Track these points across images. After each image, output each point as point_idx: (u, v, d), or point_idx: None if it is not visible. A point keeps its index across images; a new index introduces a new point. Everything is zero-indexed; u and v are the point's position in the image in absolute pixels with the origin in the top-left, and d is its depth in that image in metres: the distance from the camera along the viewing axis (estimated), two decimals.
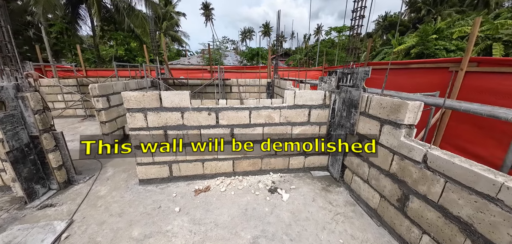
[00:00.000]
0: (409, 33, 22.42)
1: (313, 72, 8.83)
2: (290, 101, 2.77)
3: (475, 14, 14.62)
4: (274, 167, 3.09)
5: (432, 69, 4.60)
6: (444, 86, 4.28)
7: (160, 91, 2.46)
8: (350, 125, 2.60)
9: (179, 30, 29.77)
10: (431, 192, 1.65)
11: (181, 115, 2.58)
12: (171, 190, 2.76)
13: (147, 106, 2.50)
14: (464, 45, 11.81)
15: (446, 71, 4.35)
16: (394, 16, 29.51)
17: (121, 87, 4.52)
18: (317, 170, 3.23)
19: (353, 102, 2.52)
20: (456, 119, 3.55)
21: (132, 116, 2.52)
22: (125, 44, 17.27)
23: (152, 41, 6.04)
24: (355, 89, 2.49)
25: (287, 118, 2.84)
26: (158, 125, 2.59)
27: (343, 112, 2.74)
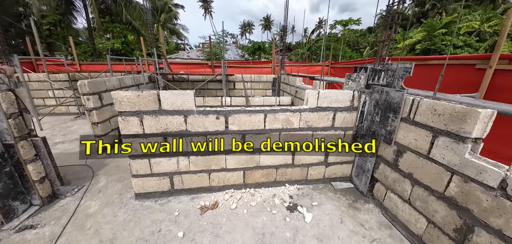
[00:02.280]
0: (413, 28, 21.86)
1: (318, 67, 8.36)
2: (312, 103, 2.35)
3: (481, 9, 14.13)
4: (290, 178, 2.69)
5: (454, 66, 4.20)
6: (468, 84, 3.93)
7: (158, 91, 2.03)
8: (386, 133, 2.19)
9: (177, 23, 28.99)
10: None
11: (184, 120, 2.16)
12: (172, 206, 2.36)
13: (143, 109, 2.07)
14: (472, 41, 11.38)
15: (472, 68, 3.98)
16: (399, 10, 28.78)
17: (115, 83, 4.06)
18: (339, 181, 2.83)
19: (392, 105, 2.10)
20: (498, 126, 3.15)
21: (125, 121, 2.10)
22: (122, 37, 16.63)
23: (149, 32, 5.55)
24: (394, 90, 2.07)
25: (308, 123, 2.42)
26: (156, 131, 2.17)
27: (375, 117, 2.32)
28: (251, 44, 16.27)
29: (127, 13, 15.32)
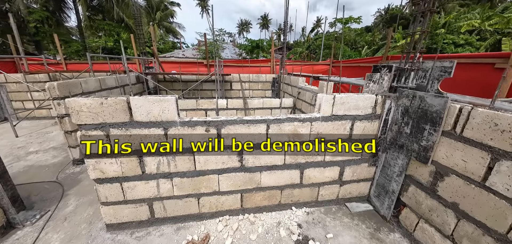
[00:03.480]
0: None
1: (322, 67, 7.92)
2: (326, 111, 1.89)
3: (479, 8, 13.91)
4: (297, 199, 2.23)
5: (469, 65, 3.84)
6: (483, 85, 3.53)
7: (128, 97, 1.55)
8: (420, 149, 1.74)
9: (174, 21, 28.34)
10: None
11: (164, 134, 1.68)
12: (152, 241, 1.88)
13: (109, 120, 1.59)
14: (473, 40, 11.10)
15: (490, 68, 3.63)
16: (396, 9, 28.58)
17: (93, 85, 3.56)
18: (354, 201, 2.38)
19: (429, 114, 1.65)
20: None
21: (87, 137, 1.61)
22: (115, 35, 15.99)
23: (136, 26, 5.02)
24: (433, 96, 1.62)
25: (320, 134, 1.96)
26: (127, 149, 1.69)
27: (404, 127, 1.87)
28: (249, 42, 15.74)
29: (119, 9, 14.69)
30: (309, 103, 3.94)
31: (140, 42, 5.31)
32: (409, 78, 1.95)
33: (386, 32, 24.34)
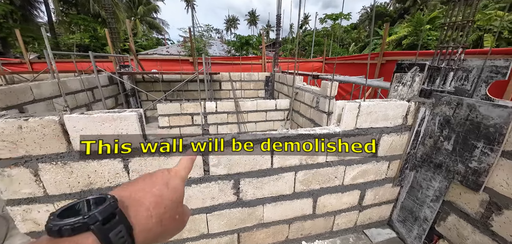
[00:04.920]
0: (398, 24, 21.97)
1: (316, 63, 7.56)
2: (348, 123, 1.44)
3: (461, 5, 14.31)
4: (309, 232, 1.79)
5: None
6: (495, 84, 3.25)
7: (62, 115, 1.01)
8: (468, 171, 1.35)
9: (157, 17, 26.95)
10: None
11: (124, 167, 1.16)
12: None
13: (36, 152, 1.04)
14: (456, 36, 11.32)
15: None
16: (381, 6, 29.10)
17: (49, 90, 2.89)
18: (374, 227, 1.98)
19: (483, 128, 1.26)
20: None
21: (4, 177, 1.06)
22: (91, 30, 14.72)
23: (109, 18, 4.30)
24: (490, 105, 1.22)
25: (340, 154, 1.52)
26: (71, 191, 1.15)
27: (444, 143, 1.47)
28: (238, 39, 15.12)
29: (94, 2, 13.48)
30: (309, 105, 3.52)
31: (114, 37, 4.61)
32: (447, 80, 1.56)
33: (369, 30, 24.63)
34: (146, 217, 0.30)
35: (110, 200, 0.27)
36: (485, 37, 10.20)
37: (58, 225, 0.23)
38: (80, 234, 0.24)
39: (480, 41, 10.35)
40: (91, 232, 0.24)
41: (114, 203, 0.27)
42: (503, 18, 9.76)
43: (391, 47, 14.72)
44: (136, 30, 21.64)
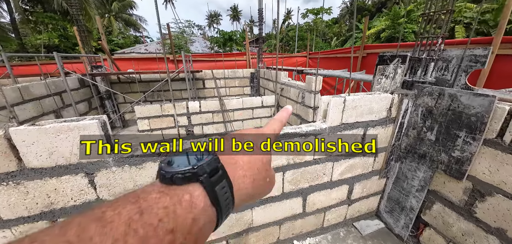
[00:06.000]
0: (376, 17, 22.82)
1: (300, 58, 7.57)
2: (334, 118, 1.40)
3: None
4: (300, 231, 1.75)
5: None
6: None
7: (8, 128, 0.85)
8: (451, 160, 1.37)
9: (134, 14, 25.54)
10: None
11: (89, 182, 1.02)
12: None
13: None
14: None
15: None
16: (359, 0, 30.00)
17: (9, 96, 2.57)
18: (363, 219, 2.00)
19: (465, 117, 1.28)
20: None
21: None
22: (60, 29, 13.59)
23: (75, 13, 3.89)
24: (471, 94, 1.24)
25: (328, 150, 1.48)
26: (30, 214, 0.99)
27: (427, 133, 1.49)
28: (221, 35, 14.79)
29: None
30: (295, 101, 3.49)
31: (84, 35, 4.22)
32: (428, 71, 1.57)
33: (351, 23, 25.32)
34: (241, 176, 0.29)
35: (213, 154, 0.27)
36: (456, 28, 10.78)
37: (171, 173, 0.24)
38: (190, 183, 0.24)
39: (452, 32, 10.97)
40: (199, 183, 0.24)
41: (217, 158, 0.27)
42: (472, 10, 10.38)
43: (371, 41, 15.23)
44: (111, 28, 20.36)
